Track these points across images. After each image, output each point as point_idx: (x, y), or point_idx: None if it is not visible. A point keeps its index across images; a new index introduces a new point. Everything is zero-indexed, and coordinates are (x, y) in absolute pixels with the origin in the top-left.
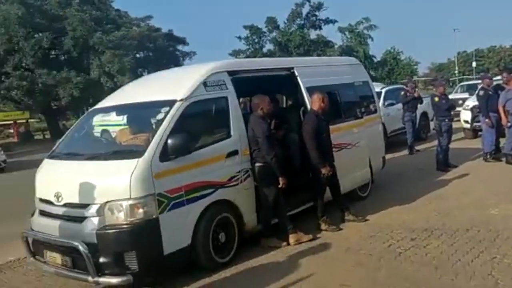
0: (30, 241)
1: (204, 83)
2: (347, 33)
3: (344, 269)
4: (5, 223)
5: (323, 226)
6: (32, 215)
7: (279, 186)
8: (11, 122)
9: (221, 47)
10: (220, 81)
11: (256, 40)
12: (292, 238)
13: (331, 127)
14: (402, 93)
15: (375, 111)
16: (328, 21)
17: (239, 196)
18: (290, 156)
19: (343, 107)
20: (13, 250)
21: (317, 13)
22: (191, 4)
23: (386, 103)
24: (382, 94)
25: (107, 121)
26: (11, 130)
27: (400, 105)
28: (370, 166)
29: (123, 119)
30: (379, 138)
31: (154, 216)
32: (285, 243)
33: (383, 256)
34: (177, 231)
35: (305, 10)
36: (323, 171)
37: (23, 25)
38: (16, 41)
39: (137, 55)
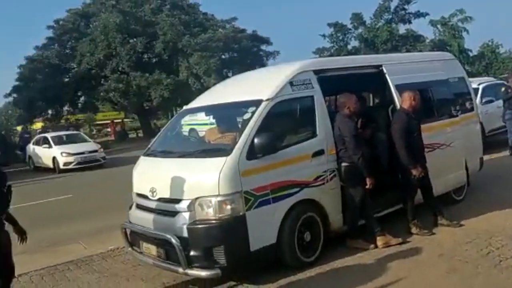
0: (128, 233)
1: (290, 83)
2: (439, 26)
3: (437, 275)
4: (105, 215)
5: (413, 230)
6: (130, 208)
7: (366, 186)
8: (109, 121)
9: (305, 45)
10: (306, 80)
11: (341, 38)
12: (380, 241)
13: (422, 126)
14: (503, 89)
15: (472, 109)
16: (418, 14)
17: (324, 196)
18: (377, 156)
19: (436, 105)
20: (113, 239)
21: (406, 6)
22: (274, 4)
23: (484, 100)
24: (480, 91)
25: (194, 120)
26: (109, 129)
27: (499, 102)
28: (466, 168)
29: (209, 118)
30: (476, 138)
31: (241, 213)
32: (372, 246)
33: (480, 264)
34: (263, 229)
35: (394, 4)
36: (414, 172)
37: (120, 32)
38: (114, 46)
39: (223, 56)
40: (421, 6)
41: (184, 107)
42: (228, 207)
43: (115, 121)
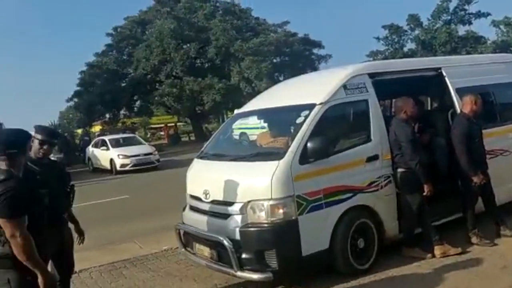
0: (181, 233)
1: (344, 86)
2: (502, 26)
3: None
4: (160, 216)
5: (474, 240)
6: (184, 209)
7: (424, 193)
8: (163, 125)
9: (358, 48)
10: (360, 84)
11: (396, 40)
12: (438, 250)
13: (484, 131)
14: None
15: None
16: (479, 14)
17: (379, 202)
18: (435, 162)
19: (499, 110)
20: (167, 240)
21: (466, 6)
22: (326, 6)
23: None
24: None
25: (245, 124)
26: (162, 133)
27: None
28: None
29: (260, 122)
30: None
31: (293, 217)
32: (429, 255)
33: None
34: (316, 234)
35: (453, 4)
36: (475, 179)
37: (175, 38)
38: (168, 52)
39: (274, 61)
40: (482, 6)
41: (236, 111)
42: (280, 211)
43: (169, 124)
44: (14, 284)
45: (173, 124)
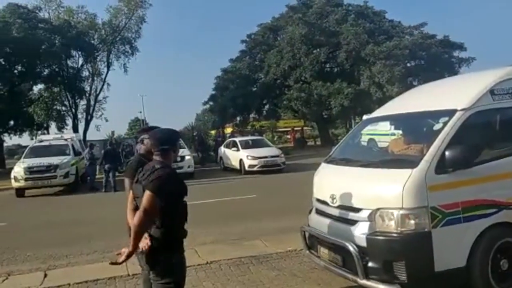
0: (306, 236)
1: (491, 91)
2: None
3: None
4: (285, 217)
5: None
6: (310, 212)
7: None
8: (289, 129)
9: (506, 51)
10: (511, 89)
11: None
12: None
13: None
14: None
15: None
16: None
17: None
18: None
19: None
20: (291, 241)
21: None
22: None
23: None
24: None
25: (374, 130)
26: (288, 136)
27: None
28: None
29: (390, 129)
30: None
31: (426, 230)
32: None
33: None
34: (451, 249)
35: None
36: None
37: (305, 43)
38: (298, 57)
39: (408, 64)
40: None
41: (364, 116)
42: (412, 221)
43: (295, 128)
44: (161, 265)
45: (299, 128)
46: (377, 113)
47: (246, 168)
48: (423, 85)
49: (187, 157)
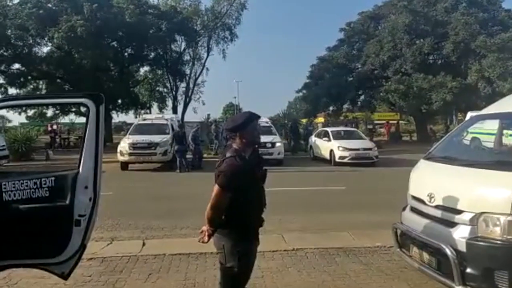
0: (398, 233)
1: None
2: None
3: None
4: (375, 212)
5: None
6: (404, 209)
7: None
8: (384, 122)
9: None
10: None
11: None
12: None
13: None
14: None
15: None
16: None
17: None
18: None
19: None
20: (380, 236)
21: None
22: None
23: None
24: None
25: (478, 128)
26: (383, 129)
27: None
28: None
29: (498, 128)
30: None
31: None
32: None
33: None
34: None
35: None
36: None
37: (408, 33)
38: (399, 47)
39: None
40: None
41: (470, 113)
42: None
43: (390, 122)
44: (227, 250)
45: (395, 121)
46: (487, 110)
47: (336, 159)
48: None
49: (277, 144)
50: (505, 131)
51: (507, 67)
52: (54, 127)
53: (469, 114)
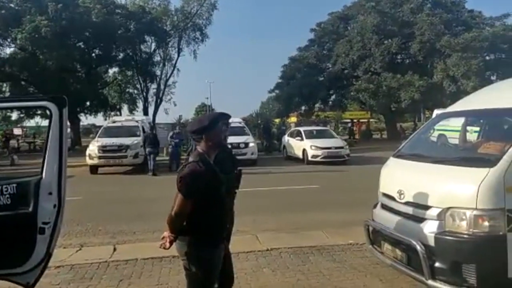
0: (370, 230)
1: None
2: None
3: None
4: (347, 210)
5: None
6: (375, 207)
7: None
8: (355, 120)
9: None
10: None
11: None
12: None
13: None
14: None
15: None
16: None
17: None
18: None
19: None
20: (353, 234)
21: None
22: None
23: None
24: None
25: (444, 125)
26: (354, 128)
27: None
28: None
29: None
30: None
31: (501, 233)
32: None
33: None
34: None
35: None
36: None
37: (376, 33)
38: (368, 47)
39: (487, 58)
40: None
41: (436, 111)
42: (486, 223)
43: (361, 120)
44: (189, 257)
45: (365, 120)
46: (452, 108)
47: (309, 158)
48: (503, 81)
49: (251, 144)
50: (469, 128)
51: (470, 66)
52: (17, 131)
53: (436, 112)
